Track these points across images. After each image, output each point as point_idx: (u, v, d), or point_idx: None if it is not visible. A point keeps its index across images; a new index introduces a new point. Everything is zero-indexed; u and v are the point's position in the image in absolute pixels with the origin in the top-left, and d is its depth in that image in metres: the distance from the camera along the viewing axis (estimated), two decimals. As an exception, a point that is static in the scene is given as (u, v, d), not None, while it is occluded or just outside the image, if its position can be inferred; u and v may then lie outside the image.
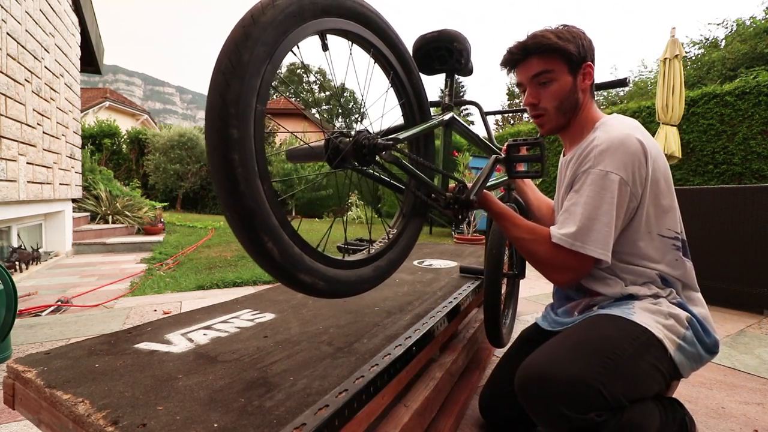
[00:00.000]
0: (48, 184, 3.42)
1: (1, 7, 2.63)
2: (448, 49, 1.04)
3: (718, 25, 12.26)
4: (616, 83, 1.10)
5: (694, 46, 12.70)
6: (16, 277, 2.87)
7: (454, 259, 2.13)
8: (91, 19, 4.79)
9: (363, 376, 0.71)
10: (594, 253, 0.86)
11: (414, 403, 0.88)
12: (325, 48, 0.72)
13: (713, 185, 3.80)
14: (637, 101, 6.33)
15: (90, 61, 5.14)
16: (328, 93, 29.10)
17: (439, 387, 1.00)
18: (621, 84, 1.10)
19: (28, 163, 3.01)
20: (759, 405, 1.31)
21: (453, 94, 1.13)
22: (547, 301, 1.15)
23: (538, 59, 0.94)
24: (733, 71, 9.94)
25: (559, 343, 0.84)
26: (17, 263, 3.04)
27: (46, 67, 3.42)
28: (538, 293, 2.82)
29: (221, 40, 0.58)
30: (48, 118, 3.46)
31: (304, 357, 0.79)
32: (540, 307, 2.45)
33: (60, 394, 0.61)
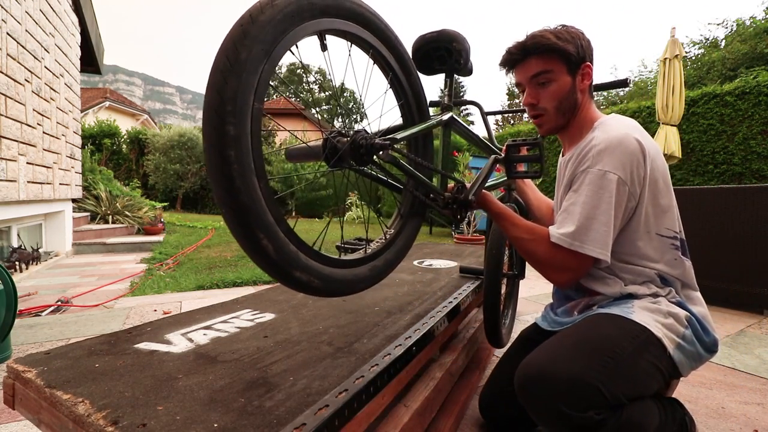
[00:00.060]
0: (48, 184, 3.42)
1: (1, 7, 2.64)
2: (448, 50, 1.04)
3: (718, 25, 12.27)
4: (617, 84, 1.10)
5: (694, 46, 12.70)
6: (16, 277, 2.87)
7: (454, 259, 2.13)
8: (91, 19, 4.79)
9: (363, 376, 0.71)
10: (593, 253, 0.86)
11: (414, 403, 0.88)
12: (323, 48, 0.72)
13: (713, 185, 3.79)
14: (637, 101, 6.33)
15: (90, 61, 5.14)
16: (328, 93, 29.11)
17: (439, 387, 1.00)
18: (622, 85, 1.09)
19: (28, 163, 3.01)
20: (759, 405, 1.31)
21: (452, 94, 1.14)
22: (546, 301, 1.15)
23: (537, 59, 0.94)
24: (733, 71, 9.94)
25: (558, 342, 0.84)
26: (17, 263, 3.04)
27: (46, 67, 3.42)
28: (538, 293, 2.82)
29: (221, 40, 0.58)
30: (48, 118, 3.46)
31: (304, 357, 0.79)
32: (540, 307, 2.45)
33: (60, 394, 0.61)
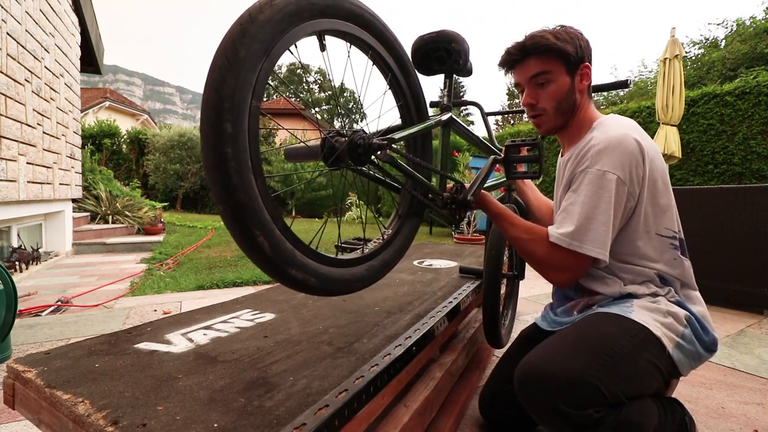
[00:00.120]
0: (48, 184, 3.42)
1: (1, 7, 2.64)
2: (447, 50, 1.04)
3: (718, 25, 12.26)
4: (618, 85, 1.09)
5: (694, 46, 12.69)
6: (16, 277, 2.87)
7: (454, 259, 2.13)
8: (91, 19, 4.79)
9: (363, 376, 0.71)
10: (592, 253, 0.86)
11: (414, 403, 0.88)
12: (322, 48, 0.72)
13: (713, 185, 3.79)
14: (637, 101, 6.32)
15: (90, 61, 5.14)
16: (328, 93, 29.13)
17: (439, 387, 1.00)
18: (622, 86, 1.09)
19: (28, 163, 3.01)
20: (759, 405, 1.31)
21: (451, 94, 1.14)
22: (546, 301, 1.15)
23: (536, 60, 0.94)
24: (733, 71, 9.93)
25: (557, 340, 0.84)
26: (17, 263, 3.04)
27: (46, 67, 3.42)
28: (538, 293, 2.82)
29: (220, 40, 0.59)
30: (48, 118, 3.46)
31: (304, 357, 0.79)
32: (539, 307, 2.45)
33: (60, 394, 0.61)
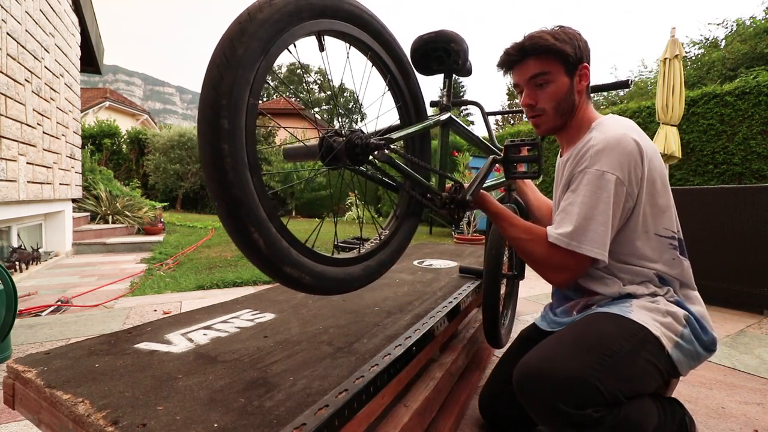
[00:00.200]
0: (48, 184, 3.42)
1: (1, 7, 2.64)
2: (446, 50, 1.04)
3: (718, 25, 12.26)
4: (618, 85, 1.09)
5: (694, 46, 12.69)
6: (16, 277, 2.87)
7: (454, 259, 2.13)
8: (91, 19, 4.79)
9: (363, 376, 0.71)
10: (590, 253, 0.86)
11: (414, 403, 0.88)
12: (321, 49, 0.72)
13: (713, 185, 3.79)
14: (637, 101, 6.32)
15: (90, 61, 5.14)
16: (328, 93, 29.15)
17: (439, 387, 1.00)
18: (623, 86, 1.09)
19: (28, 163, 3.01)
20: (759, 405, 1.31)
21: (451, 94, 1.14)
22: (546, 301, 1.15)
23: (535, 61, 0.94)
24: (733, 71, 9.93)
25: (556, 340, 0.84)
26: (17, 263, 3.04)
27: (46, 67, 3.42)
28: (538, 293, 2.82)
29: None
30: (48, 118, 3.46)
31: (304, 357, 0.79)
32: (539, 307, 2.45)
33: (60, 394, 0.61)
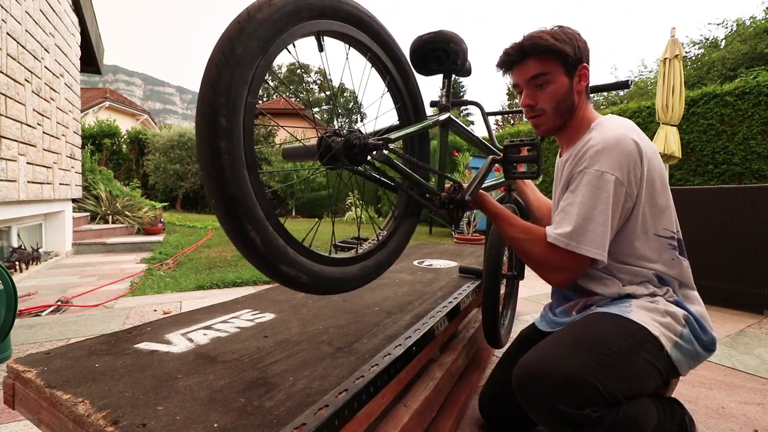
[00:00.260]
0: (48, 184, 3.42)
1: (1, 7, 2.64)
2: (445, 50, 1.04)
3: (718, 25, 12.25)
4: (618, 85, 1.09)
5: (694, 46, 12.68)
6: (16, 277, 2.87)
7: (454, 259, 2.13)
8: (91, 19, 4.79)
9: (363, 376, 0.71)
10: (589, 253, 0.86)
11: (414, 403, 0.88)
12: (321, 49, 0.72)
13: (713, 185, 3.79)
14: (637, 101, 6.32)
15: (90, 61, 5.14)
16: (328, 93, 29.16)
17: (439, 387, 1.00)
18: (623, 86, 1.09)
19: (28, 163, 3.01)
20: (759, 405, 1.31)
21: (450, 94, 1.14)
22: (546, 301, 1.15)
23: (535, 61, 0.94)
24: (733, 71, 9.93)
25: (555, 340, 0.84)
26: (17, 263, 3.04)
27: (46, 67, 3.42)
28: (538, 293, 2.82)
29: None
30: (48, 118, 3.46)
31: (304, 357, 0.79)
32: (539, 307, 2.45)
33: (60, 394, 0.61)
